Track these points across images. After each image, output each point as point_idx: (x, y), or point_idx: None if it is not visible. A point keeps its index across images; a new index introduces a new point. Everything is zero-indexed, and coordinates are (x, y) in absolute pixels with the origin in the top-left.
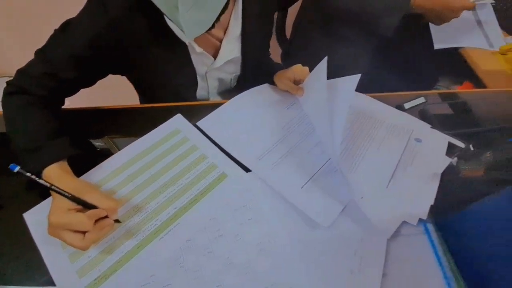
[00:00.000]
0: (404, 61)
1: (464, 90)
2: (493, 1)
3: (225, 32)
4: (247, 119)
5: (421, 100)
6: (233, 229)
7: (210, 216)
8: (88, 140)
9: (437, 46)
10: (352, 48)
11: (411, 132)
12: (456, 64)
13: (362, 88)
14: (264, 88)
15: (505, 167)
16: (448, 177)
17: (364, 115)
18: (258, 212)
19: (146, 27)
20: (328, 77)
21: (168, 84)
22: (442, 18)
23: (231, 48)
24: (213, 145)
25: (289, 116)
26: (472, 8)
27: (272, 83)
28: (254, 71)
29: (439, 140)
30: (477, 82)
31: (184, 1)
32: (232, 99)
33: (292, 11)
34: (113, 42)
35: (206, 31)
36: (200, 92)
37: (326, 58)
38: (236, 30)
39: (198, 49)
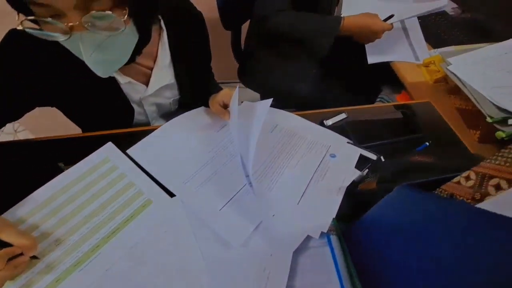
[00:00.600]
0: (349, 74)
1: (380, 105)
2: (413, 16)
3: (155, 61)
4: (177, 144)
5: (342, 116)
6: (153, 255)
7: (132, 243)
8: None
9: (370, 61)
10: (299, 65)
11: (328, 148)
12: (395, 75)
13: (311, 103)
14: (198, 111)
15: (408, 175)
16: (354, 189)
17: (288, 133)
18: (179, 236)
19: (69, 59)
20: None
21: (101, 113)
22: (366, 39)
23: (163, 75)
24: (141, 172)
25: (218, 138)
26: (391, 29)
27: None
28: (193, 95)
29: (352, 154)
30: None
31: (85, 47)
32: (163, 125)
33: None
34: (32, 81)
35: (128, 64)
36: (138, 117)
37: (237, 87)
38: (165, 59)
39: (124, 80)
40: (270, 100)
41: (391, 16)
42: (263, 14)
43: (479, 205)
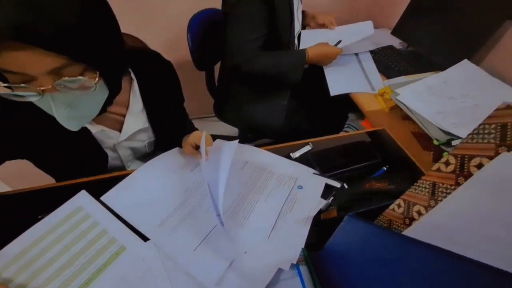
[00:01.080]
0: (317, 105)
1: (341, 135)
2: (352, 42)
3: (127, 108)
4: (151, 187)
5: (308, 147)
6: None
7: None
8: None
9: (332, 93)
10: (270, 99)
11: (295, 180)
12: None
13: (284, 134)
14: (172, 153)
15: (365, 201)
16: (319, 218)
17: (258, 169)
18: (154, 281)
19: (39, 113)
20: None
21: (74, 163)
22: (325, 63)
23: (136, 121)
24: (115, 218)
25: (192, 178)
26: (341, 52)
27: None
28: (168, 136)
29: (318, 183)
30: None
31: (56, 106)
32: (137, 169)
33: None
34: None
35: (99, 114)
36: (113, 162)
37: (205, 132)
38: (137, 106)
39: (95, 129)
40: (236, 141)
41: (339, 42)
42: (237, 62)
43: (408, 230)
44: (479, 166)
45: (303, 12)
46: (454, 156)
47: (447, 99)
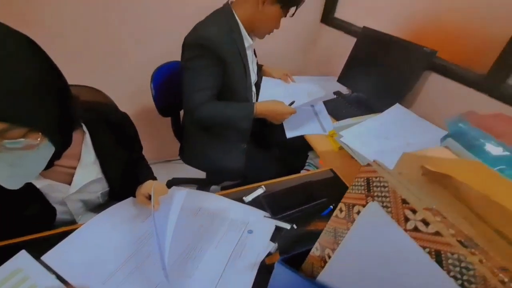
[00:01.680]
0: (277, 146)
1: (292, 176)
2: (307, 103)
3: (79, 160)
4: (99, 241)
5: (260, 190)
6: None
7: None
8: None
9: (288, 135)
10: (229, 143)
11: (246, 224)
12: None
13: (245, 176)
14: (125, 203)
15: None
16: (264, 263)
17: (211, 215)
18: None
19: None
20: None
21: (17, 220)
22: (276, 120)
23: (87, 173)
24: (56, 280)
25: (144, 229)
26: (295, 112)
27: None
28: (123, 186)
29: (269, 226)
30: None
31: None
32: (85, 224)
33: None
34: None
35: (46, 168)
36: (62, 216)
37: (155, 183)
38: (89, 158)
39: (41, 183)
40: (185, 191)
41: (293, 102)
42: (188, 108)
43: (322, 273)
44: (358, 212)
45: (260, 66)
46: (344, 204)
47: (383, 139)
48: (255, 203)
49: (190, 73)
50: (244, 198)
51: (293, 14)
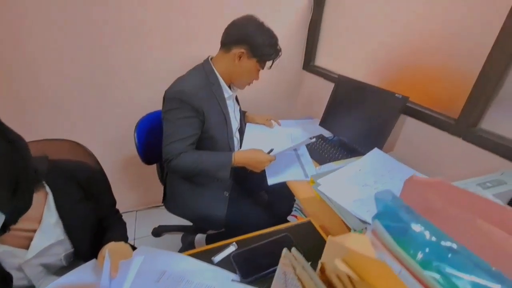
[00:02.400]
0: (261, 192)
1: (266, 230)
2: (307, 143)
3: (40, 222)
4: None
5: (232, 248)
6: None
7: None
8: None
9: (270, 182)
10: (211, 191)
11: None
12: None
13: (229, 224)
14: (86, 267)
15: None
16: None
17: (176, 279)
18: None
19: None
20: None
21: None
22: (255, 168)
23: (48, 235)
24: None
25: None
26: (274, 159)
27: None
28: (89, 246)
29: None
30: None
31: None
32: None
33: None
34: None
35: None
36: (20, 283)
37: (108, 252)
38: (51, 219)
39: None
40: (142, 257)
41: (271, 150)
42: (165, 159)
43: None
44: None
45: (243, 113)
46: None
47: (362, 187)
48: (225, 263)
49: (168, 124)
50: (213, 258)
51: (270, 67)
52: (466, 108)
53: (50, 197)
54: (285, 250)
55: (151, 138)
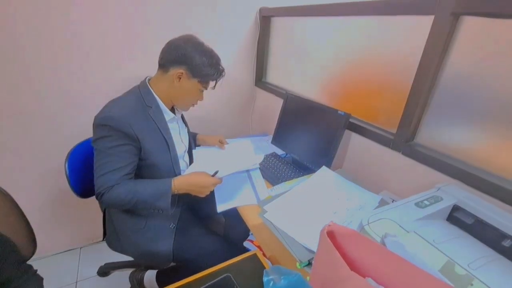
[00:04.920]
0: (210, 222)
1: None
2: (259, 164)
3: None
4: None
5: None
6: None
7: None
8: None
9: (219, 209)
10: (156, 223)
11: None
12: None
13: (176, 260)
14: None
15: None
16: None
17: None
18: None
19: None
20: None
21: None
22: (199, 193)
23: None
24: None
25: None
26: (220, 182)
27: None
28: None
29: None
30: None
31: None
32: None
33: None
34: None
35: None
36: None
37: None
38: None
39: None
40: None
41: (216, 172)
42: (97, 193)
43: None
44: None
45: (194, 135)
46: None
47: (309, 211)
48: None
49: (99, 155)
50: None
51: (214, 87)
52: (402, 123)
53: None
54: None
55: (85, 170)
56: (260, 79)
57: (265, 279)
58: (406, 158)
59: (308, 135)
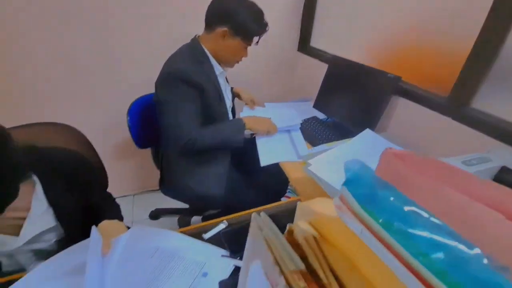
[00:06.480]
0: (259, 172)
1: (256, 209)
2: (299, 123)
3: (29, 210)
4: None
5: (222, 226)
6: None
7: None
8: None
9: (262, 163)
10: (213, 169)
11: (202, 266)
12: None
13: (225, 204)
14: (77, 246)
15: None
16: None
17: (168, 255)
18: None
19: None
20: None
21: None
22: (263, 129)
23: (38, 224)
24: None
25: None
26: (277, 129)
27: None
28: (81, 230)
29: (226, 267)
30: None
31: None
32: (30, 272)
33: None
34: None
35: None
36: (9, 269)
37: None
38: (40, 208)
39: None
40: (127, 234)
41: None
42: (182, 142)
43: None
44: None
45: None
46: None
47: None
48: (214, 240)
49: (172, 107)
50: (203, 235)
51: (257, 43)
52: (456, 87)
53: (38, 186)
54: (254, 214)
55: (144, 122)
56: (303, 44)
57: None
58: (457, 123)
59: (352, 98)
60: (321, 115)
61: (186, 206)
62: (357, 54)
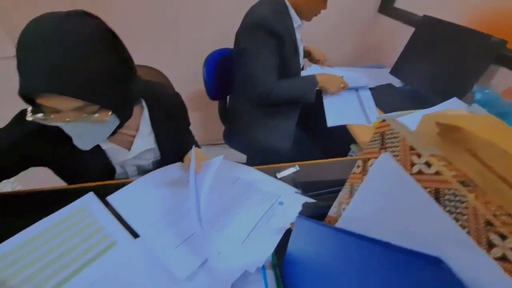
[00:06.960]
0: (322, 135)
1: (331, 160)
2: (368, 86)
3: (137, 130)
4: (149, 193)
5: (294, 169)
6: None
7: (93, 279)
8: None
9: (329, 124)
10: (281, 122)
11: (278, 197)
12: None
13: (289, 160)
14: (174, 166)
15: None
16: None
17: (247, 185)
18: (134, 271)
19: (57, 135)
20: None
21: (85, 174)
22: (333, 86)
23: (144, 142)
24: (113, 217)
25: (186, 189)
26: (347, 86)
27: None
28: (172, 156)
29: (298, 202)
30: None
31: (74, 131)
32: (141, 177)
33: None
34: (29, 149)
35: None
36: (120, 176)
37: (194, 149)
38: (146, 130)
39: (106, 146)
40: (220, 158)
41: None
42: (262, 92)
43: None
44: (372, 165)
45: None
46: (362, 160)
47: None
48: (287, 180)
49: (251, 55)
50: (277, 174)
51: None
52: None
53: (146, 111)
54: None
55: (219, 74)
56: (387, 4)
57: None
58: None
59: (439, 65)
60: (397, 83)
61: (244, 160)
62: (451, 15)
